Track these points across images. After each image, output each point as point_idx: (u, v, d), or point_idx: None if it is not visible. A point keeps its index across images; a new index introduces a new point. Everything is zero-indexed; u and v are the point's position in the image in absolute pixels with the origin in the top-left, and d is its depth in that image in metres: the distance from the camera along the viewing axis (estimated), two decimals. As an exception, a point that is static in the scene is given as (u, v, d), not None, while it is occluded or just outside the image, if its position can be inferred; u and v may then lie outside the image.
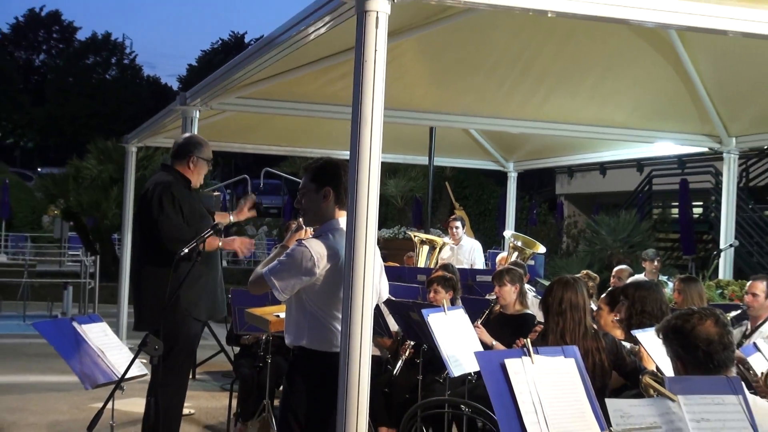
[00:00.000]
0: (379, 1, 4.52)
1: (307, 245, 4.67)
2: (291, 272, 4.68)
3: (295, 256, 4.68)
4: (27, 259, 23.04)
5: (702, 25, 5.04)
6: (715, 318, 3.64)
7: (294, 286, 4.69)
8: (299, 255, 4.67)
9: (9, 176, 32.35)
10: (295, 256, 4.68)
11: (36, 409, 9.12)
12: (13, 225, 29.07)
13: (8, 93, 57.62)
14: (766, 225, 20.24)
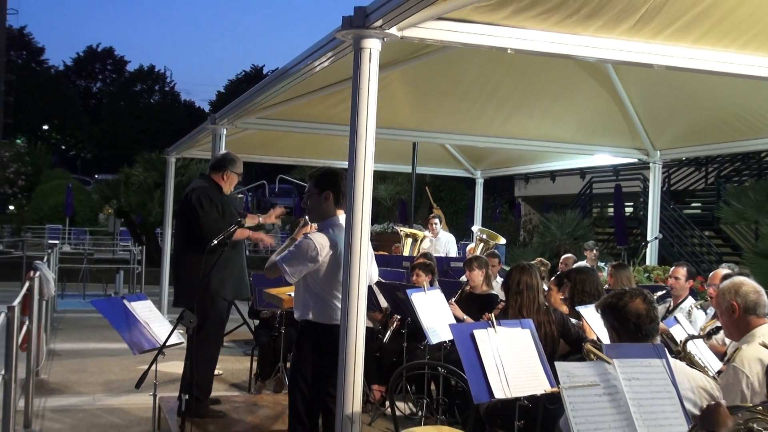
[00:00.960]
0: (371, 40, 4.53)
1: (311, 238, 4.71)
2: (299, 260, 4.71)
3: (302, 247, 4.72)
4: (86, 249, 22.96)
5: (632, 60, 5.06)
6: (643, 297, 3.65)
7: (301, 271, 4.73)
8: (306, 246, 4.71)
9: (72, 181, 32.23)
10: (302, 247, 4.72)
11: (93, 371, 9.11)
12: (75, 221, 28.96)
13: (71, 114, 57.73)
14: (683, 221, 20.29)
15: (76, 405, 7.57)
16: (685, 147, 10.87)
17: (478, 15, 4.56)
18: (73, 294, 16.76)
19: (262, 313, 8.64)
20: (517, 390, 4.22)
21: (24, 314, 6.64)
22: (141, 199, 23.54)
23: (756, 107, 8.48)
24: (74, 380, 8.63)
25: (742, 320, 4.08)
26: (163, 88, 63.52)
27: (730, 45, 5.09)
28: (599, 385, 3.11)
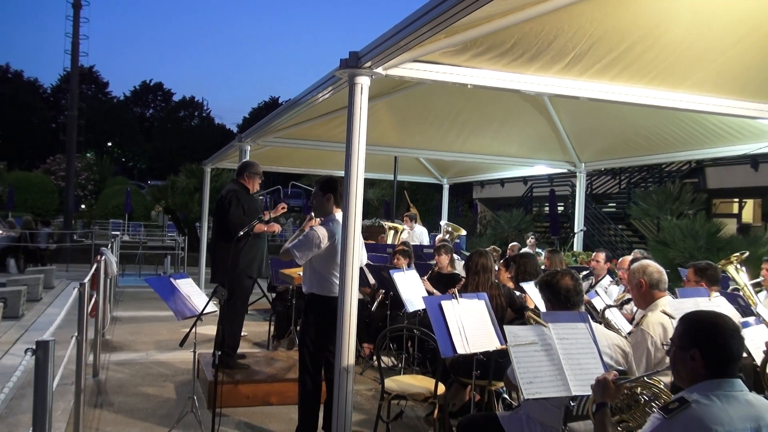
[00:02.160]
0: (362, 77, 4.52)
1: (316, 230, 4.74)
2: (307, 247, 4.73)
3: (309, 236, 4.74)
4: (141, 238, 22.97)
5: (563, 93, 5.07)
6: (571, 275, 3.67)
7: (308, 255, 4.75)
8: (312, 236, 4.73)
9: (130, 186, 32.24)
10: (309, 237, 4.74)
11: (146, 333, 9.08)
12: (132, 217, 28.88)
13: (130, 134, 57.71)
14: (602, 217, 20.38)
15: (133, 359, 7.55)
16: (603, 160, 10.92)
17: (445, 58, 4.56)
18: (131, 273, 16.74)
19: (278, 288, 8.66)
20: (475, 347, 4.23)
21: (93, 289, 6.61)
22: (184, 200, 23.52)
23: (657, 130, 8.53)
24: (132, 340, 8.60)
25: (648, 294, 4.11)
26: (200, 114, 63.40)
27: (638, 82, 5.12)
28: (537, 343, 3.12)
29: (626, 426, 2.77)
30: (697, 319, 2.41)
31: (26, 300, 10.59)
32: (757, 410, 2.25)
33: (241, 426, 5.36)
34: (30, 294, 11.22)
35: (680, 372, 2.38)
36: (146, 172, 56.65)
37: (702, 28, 4.54)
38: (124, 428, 5.22)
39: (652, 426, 2.27)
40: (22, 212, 27.34)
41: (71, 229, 23.44)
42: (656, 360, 3.78)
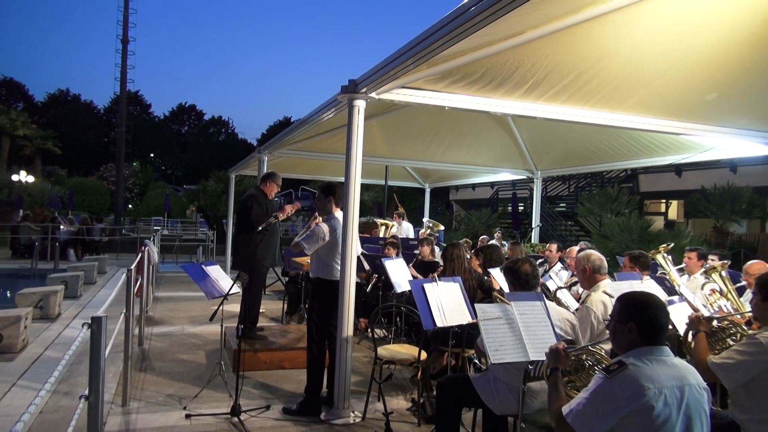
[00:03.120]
0: (359, 101, 4.52)
1: (321, 226, 4.73)
2: (313, 240, 4.72)
3: (316, 231, 4.72)
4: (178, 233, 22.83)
5: (523, 114, 5.07)
6: (530, 262, 3.67)
7: (315, 247, 4.72)
8: (318, 231, 4.71)
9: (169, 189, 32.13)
10: (316, 232, 4.72)
11: (182, 310, 9.03)
12: (171, 215, 28.75)
13: (168, 147, 57.37)
14: (555, 215, 20.42)
15: (171, 332, 7.50)
16: (556, 168, 10.95)
17: (427, 85, 4.56)
18: (170, 261, 16.66)
19: (290, 273, 8.64)
20: (451, 321, 4.23)
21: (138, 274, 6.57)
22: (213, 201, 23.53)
23: (600, 144, 8.55)
24: (170, 316, 8.55)
25: (591, 277, 4.11)
26: (227, 131, 62.99)
27: (584, 105, 5.13)
28: (502, 317, 3.12)
29: (574, 385, 2.78)
30: (633, 298, 2.42)
31: (83, 283, 10.55)
32: (680, 371, 2.26)
33: (259, 386, 5.34)
34: (87, 278, 11.18)
35: (619, 341, 2.39)
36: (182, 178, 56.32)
37: (636, 61, 4.56)
38: (163, 388, 5.19)
39: (596, 384, 2.28)
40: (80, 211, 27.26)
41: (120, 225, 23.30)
42: (598, 331, 3.79)
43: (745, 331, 3.21)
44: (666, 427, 2.15)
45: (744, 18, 4.22)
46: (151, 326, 7.71)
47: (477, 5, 3.11)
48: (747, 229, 18.92)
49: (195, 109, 66.60)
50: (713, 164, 16.61)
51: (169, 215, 28.25)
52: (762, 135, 6.01)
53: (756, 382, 2.70)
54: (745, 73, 4.90)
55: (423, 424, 4.47)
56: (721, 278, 4.47)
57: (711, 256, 6.13)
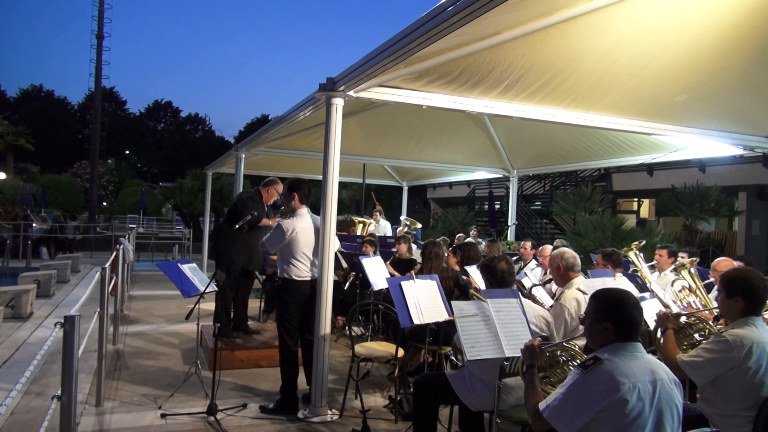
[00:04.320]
0: (337, 99, 4.50)
1: (282, 224, 4.72)
2: (274, 239, 4.71)
3: (277, 230, 4.70)
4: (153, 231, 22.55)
5: (499, 113, 5.10)
6: (506, 260, 3.69)
7: (276, 246, 4.71)
8: (278, 230, 4.69)
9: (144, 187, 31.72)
10: (277, 230, 4.69)
11: (158, 308, 8.92)
12: (146, 213, 28.36)
13: (144, 144, 56.44)
14: (530, 213, 20.64)
15: (146, 331, 7.40)
16: (532, 167, 11.06)
17: (405, 84, 4.56)
18: (145, 259, 16.45)
19: (267, 271, 8.56)
20: (428, 318, 4.23)
21: (113, 272, 6.47)
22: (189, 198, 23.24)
23: (574, 143, 8.65)
24: (145, 314, 8.44)
25: (565, 274, 4.16)
26: (204, 128, 62.27)
27: (559, 105, 5.18)
28: (478, 315, 3.14)
29: (549, 381, 2.80)
30: (608, 296, 2.44)
31: (56, 282, 10.35)
32: (652, 366, 2.30)
33: (236, 385, 5.30)
34: (59, 277, 10.97)
35: (594, 339, 2.42)
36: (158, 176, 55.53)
37: (609, 63, 4.62)
38: (138, 387, 5.12)
39: (572, 379, 2.30)
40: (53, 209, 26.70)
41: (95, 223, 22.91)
42: (572, 328, 3.83)
43: (712, 327, 3.27)
44: (639, 421, 2.18)
45: (712, 22, 4.31)
46: (126, 325, 7.60)
47: (454, 5, 3.12)
48: (715, 228, 19.35)
49: (171, 106, 65.66)
50: (683, 164, 16.93)
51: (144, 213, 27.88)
52: (729, 135, 6.14)
53: (723, 379, 2.76)
54: (714, 76, 5.00)
55: (400, 421, 4.48)
56: (691, 275, 4.56)
57: (681, 253, 6.25)
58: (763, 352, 2.71)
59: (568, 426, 2.26)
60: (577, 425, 2.24)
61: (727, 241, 18.19)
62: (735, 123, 6.00)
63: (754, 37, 4.53)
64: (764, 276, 2.98)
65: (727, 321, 2.98)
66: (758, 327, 2.81)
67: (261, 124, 49.52)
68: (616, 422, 2.18)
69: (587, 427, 2.23)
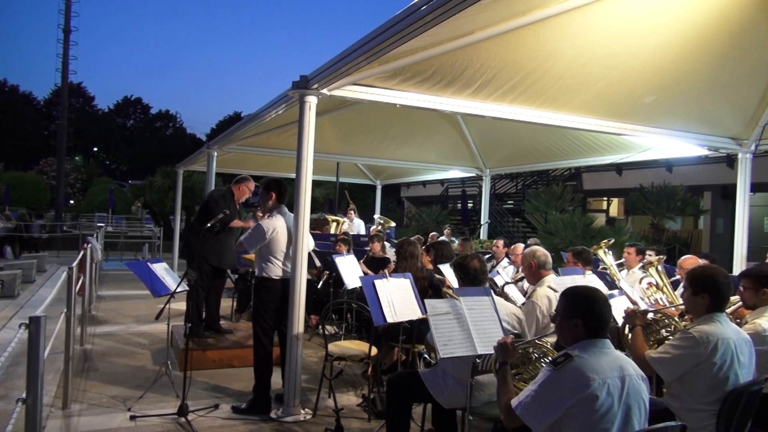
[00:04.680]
0: (310, 97, 4.48)
1: (262, 224, 4.67)
2: (253, 239, 4.65)
3: (257, 230, 4.65)
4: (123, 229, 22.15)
5: (472, 113, 5.13)
6: (478, 258, 3.71)
7: (256, 246, 4.65)
8: (258, 229, 4.64)
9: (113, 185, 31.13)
10: (256, 230, 4.65)
11: (127, 309, 8.77)
12: (115, 211, 27.82)
13: (113, 141, 55.43)
14: (503, 212, 20.81)
15: (115, 331, 7.27)
16: (504, 166, 11.16)
17: (379, 82, 4.56)
18: (114, 258, 16.15)
19: (240, 270, 8.48)
20: (401, 317, 4.24)
21: (80, 272, 6.34)
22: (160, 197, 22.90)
23: (546, 143, 8.76)
24: (114, 315, 8.28)
25: (537, 272, 4.21)
26: (174, 125, 61.32)
27: (531, 105, 5.24)
28: (451, 313, 3.15)
29: (521, 377, 2.84)
30: (578, 294, 2.47)
31: (21, 282, 10.09)
32: (621, 362, 2.34)
33: (208, 385, 5.23)
34: (25, 277, 10.70)
35: (565, 336, 2.45)
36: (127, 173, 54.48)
37: (579, 64, 4.69)
38: (107, 389, 5.02)
39: (543, 376, 2.33)
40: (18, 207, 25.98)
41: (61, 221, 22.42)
42: (543, 325, 3.88)
43: (678, 323, 3.35)
44: (608, 416, 2.22)
45: (679, 26, 4.41)
46: (94, 326, 7.45)
47: (428, 5, 3.13)
48: (681, 226, 19.81)
49: (141, 103, 64.46)
50: (651, 164, 17.29)
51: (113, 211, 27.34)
52: (694, 136, 6.29)
53: (689, 374, 2.82)
54: (680, 78, 5.12)
55: (373, 419, 4.48)
56: (658, 272, 4.66)
57: (648, 251, 6.38)
58: (728, 347, 2.78)
59: (540, 422, 2.29)
60: (548, 421, 2.27)
61: (692, 240, 18.64)
62: (700, 124, 6.15)
63: (719, 40, 4.65)
64: (728, 273, 3.06)
65: (692, 317, 3.05)
66: (722, 323, 2.88)
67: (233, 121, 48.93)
68: (586, 417, 2.21)
69: (558, 422, 2.26)
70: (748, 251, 6.61)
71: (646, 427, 2.30)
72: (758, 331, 3.20)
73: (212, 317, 6.34)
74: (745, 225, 6.62)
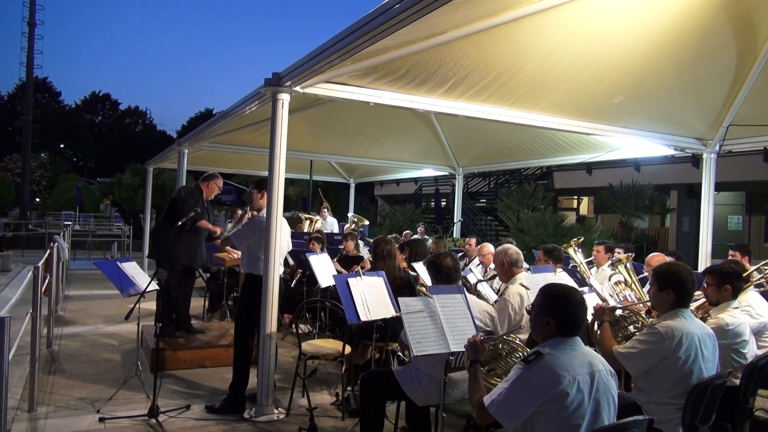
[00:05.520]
0: (283, 94, 4.45)
1: (256, 219, 4.70)
2: (248, 233, 4.65)
3: (254, 223, 4.67)
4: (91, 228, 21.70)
5: (445, 111, 5.16)
6: (451, 256, 3.73)
7: (247, 241, 4.66)
8: (252, 225, 4.66)
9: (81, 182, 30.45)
10: (254, 224, 4.67)
11: (96, 309, 8.59)
12: (83, 209, 27.22)
13: (81, 137, 54.12)
14: (475, 210, 20.97)
15: (83, 332, 7.12)
16: (477, 165, 11.23)
17: (352, 81, 4.55)
18: (82, 258, 15.81)
19: (212, 269, 8.40)
20: (375, 315, 4.25)
21: (46, 271, 6.20)
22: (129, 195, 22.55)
23: (517, 142, 8.85)
24: (82, 315, 8.11)
25: (509, 270, 4.25)
26: (144, 122, 60.21)
27: (503, 104, 5.29)
28: (424, 310, 3.17)
29: (494, 373, 2.87)
30: (555, 293, 2.49)
31: (-16, 282, 9.81)
32: (590, 358, 2.38)
33: (179, 385, 5.17)
34: (-12, 276, 10.41)
35: (538, 332, 2.49)
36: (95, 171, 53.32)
37: (550, 64, 4.75)
38: (75, 391, 4.92)
39: (515, 374, 2.36)
40: (-20, 205, 25.31)
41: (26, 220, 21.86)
42: (515, 322, 3.93)
43: (645, 319, 3.42)
44: (578, 412, 2.26)
45: (646, 28, 4.51)
46: (61, 327, 7.28)
47: (400, 3, 3.13)
48: (649, 224, 20.24)
49: (109, 98, 63.05)
50: (620, 163, 17.61)
51: (81, 209, 26.75)
52: (661, 136, 6.43)
53: (655, 369, 2.89)
54: (647, 79, 5.23)
55: (347, 417, 4.48)
56: (626, 270, 4.75)
57: (617, 249, 6.50)
58: (692, 342, 2.85)
59: (512, 419, 2.31)
60: (520, 419, 2.30)
61: (660, 237, 19.07)
62: (667, 125, 6.29)
63: (684, 43, 4.77)
64: (692, 270, 3.14)
65: (658, 313, 3.12)
66: (687, 318, 2.95)
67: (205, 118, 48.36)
68: (557, 414, 2.25)
69: (530, 419, 2.29)
70: (712, 249, 6.78)
71: (614, 421, 2.35)
72: (721, 326, 3.30)
73: (182, 317, 6.26)
74: (710, 223, 6.79)
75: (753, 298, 4.09)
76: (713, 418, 2.93)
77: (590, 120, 5.85)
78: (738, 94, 5.76)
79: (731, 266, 3.66)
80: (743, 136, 6.38)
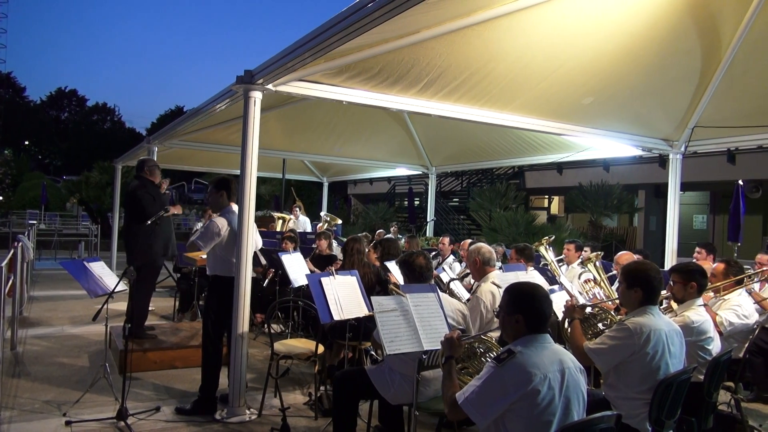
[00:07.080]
0: (255, 92, 4.41)
1: (215, 221, 4.57)
2: (208, 237, 4.57)
3: (210, 227, 4.57)
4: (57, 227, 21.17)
5: (418, 111, 5.18)
6: (424, 255, 3.74)
7: (211, 244, 4.56)
8: (212, 226, 4.56)
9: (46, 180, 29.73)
10: (210, 228, 4.56)
11: (62, 310, 8.39)
12: (48, 208, 26.55)
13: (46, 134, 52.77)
14: (448, 209, 21.11)
15: (49, 333, 6.94)
16: (450, 164, 11.31)
17: (325, 79, 4.54)
18: (48, 258, 15.44)
19: (183, 269, 8.29)
20: (348, 314, 4.24)
21: (10, 272, 6.03)
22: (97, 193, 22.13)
23: (490, 141, 8.93)
24: (48, 316, 7.91)
25: (482, 269, 4.29)
26: (113, 119, 58.99)
27: (475, 104, 5.33)
28: (397, 309, 3.17)
29: (467, 371, 2.88)
30: (520, 290, 2.53)
31: (-56, 283, 9.51)
32: (560, 355, 2.42)
33: (149, 387, 5.08)
34: (-52, 277, 10.08)
35: (507, 331, 2.51)
36: (62, 168, 52.06)
37: (521, 65, 4.81)
38: (40, 394, 4.79)
39: (487, 373, 2.38)
40: (-60, 203, 24.52)
41: (-11, 219, 21.24)
42: (487, 320, 3.96)
43: (614, 316, 3.48)
44: (549, 409, 2.29)
45: (615, 30, 4.59)
46: (26, 328, 7.10)
47: (374, 2, 3.13)
48: (618, 223, 20.62)
49: (76, 95, 61.63)
50: (589, 163, 17.92)
51: (46, 208, 26.09)
52: (629, 137, 6.56)
53: (624, 365, 2.94)
54: (616, 81, 5.33)
55: (320, 417, 4.46)
56: (596, 268, 4.83)
57: (587, 247, 6.61)
58: (659, 338, 2.91)
59: (483, 417, 2.33)
60: (492, 416, 2.32)
61: (628, 236, 19.44)
62: (635, 126, 6.42)
63: (651, 46, 4.87)
64: (660, 268, 3.21)
65: (627, 310, 3.18)
66: (655, 315, 3.02)
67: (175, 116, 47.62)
68: (528, 411, 2.27)
69: (502, 416, 2.32)
70: (678, 247, 6.95)
71: (584, 417, 2.39)
72: (687, 323, 3.38)
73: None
74: (676, 222, 6.95)
75: (742, 298, 4.21)
76: (679, 412, 2.99)
77: (561, 120, 5.94)
78: (702, 96, 5.92)
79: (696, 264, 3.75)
80: (708, 137, 6.55)
